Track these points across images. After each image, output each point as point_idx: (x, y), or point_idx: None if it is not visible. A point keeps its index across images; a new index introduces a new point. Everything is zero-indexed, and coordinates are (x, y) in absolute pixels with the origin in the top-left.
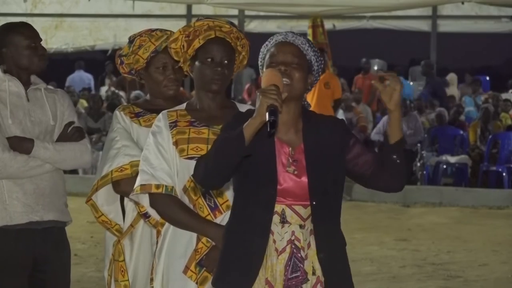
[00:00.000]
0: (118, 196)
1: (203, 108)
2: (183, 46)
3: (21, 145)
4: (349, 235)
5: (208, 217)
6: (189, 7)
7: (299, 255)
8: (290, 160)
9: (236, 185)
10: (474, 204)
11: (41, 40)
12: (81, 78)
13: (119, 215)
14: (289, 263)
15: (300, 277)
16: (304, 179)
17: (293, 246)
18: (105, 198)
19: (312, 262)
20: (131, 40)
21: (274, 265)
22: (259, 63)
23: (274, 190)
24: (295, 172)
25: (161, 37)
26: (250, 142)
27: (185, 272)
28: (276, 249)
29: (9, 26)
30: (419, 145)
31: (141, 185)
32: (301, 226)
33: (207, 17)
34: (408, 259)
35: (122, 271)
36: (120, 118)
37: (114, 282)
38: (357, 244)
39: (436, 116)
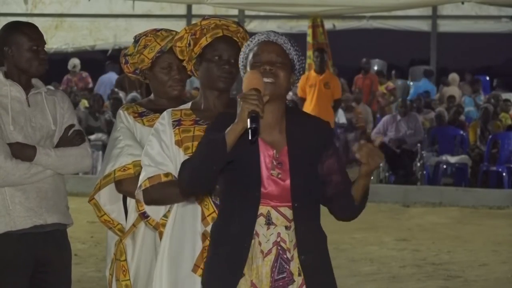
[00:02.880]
0: (121, 195)
1: (208, 107)
2: (189, 44)
3: (23, 152)
4: (349, 235)
5: (213, 215)
6: (189, 7)
7: (285, 256)
8: (275, 163)
9: (222, 188)
10: (474, 204)
11: (44, 43)
12: (109, 79)
13: (121, 215)
14: (275, 264)
15: (287, 278)
16: (288, 182)
17: (279, 247)
18: (108, 197)
19: (298, 263)
20: (137, 40)
21: (260, 267)
22: (241, 63)
23: (258, 192)
24: (279, 176)
25: (166, 37)
26: (232, 148)
27: (194, 270)
28: (262, 251)
29: (15, 25)
30: (419, 145)
31: (149, 178)
32: (286, 228)
33: (214, 16)
34: (408, 259)
35: (124, 270)
36: (124, 118)
37: (116, 281)
38: (357, 244)
39: (436, 116)
